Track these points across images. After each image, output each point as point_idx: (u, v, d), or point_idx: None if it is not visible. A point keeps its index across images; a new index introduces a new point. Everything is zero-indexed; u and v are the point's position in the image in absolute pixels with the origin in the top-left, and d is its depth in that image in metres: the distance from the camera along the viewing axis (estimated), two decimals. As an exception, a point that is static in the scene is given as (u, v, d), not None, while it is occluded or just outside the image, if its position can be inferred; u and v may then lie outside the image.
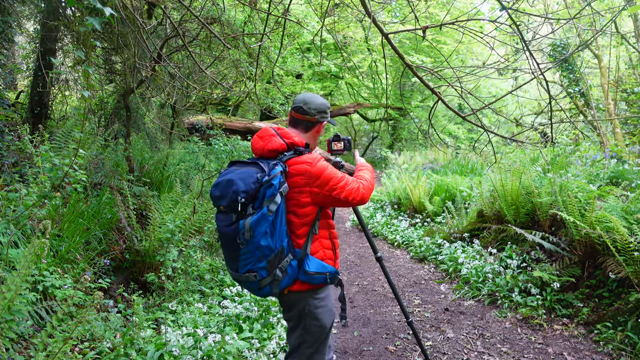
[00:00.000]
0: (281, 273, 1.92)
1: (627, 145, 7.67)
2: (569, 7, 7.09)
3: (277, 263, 1.91)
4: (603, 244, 3.63)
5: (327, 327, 2.07)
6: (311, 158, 2.02)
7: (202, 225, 4.95)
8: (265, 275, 1.91)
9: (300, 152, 2.03)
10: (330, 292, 2.15)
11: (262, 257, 1.88)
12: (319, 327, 2.05)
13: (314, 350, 2.06)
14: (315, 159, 2.03)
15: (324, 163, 2.05)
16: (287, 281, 1.96)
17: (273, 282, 1.93)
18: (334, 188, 2.01)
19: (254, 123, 12.82)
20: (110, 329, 3.09)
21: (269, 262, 1.89)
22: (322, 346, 2.09)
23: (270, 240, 1.87)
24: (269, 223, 1.85)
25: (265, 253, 1.87)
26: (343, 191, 2.02)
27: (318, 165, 2.00)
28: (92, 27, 2.11)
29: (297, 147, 2.04)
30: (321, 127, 2.20)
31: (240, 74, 6.84)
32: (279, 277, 1.92)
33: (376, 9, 6.73)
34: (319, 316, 2.04)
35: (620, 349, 3.12)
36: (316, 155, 2.07)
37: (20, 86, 9.18)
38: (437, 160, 12.05)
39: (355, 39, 12.21)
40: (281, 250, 1.92)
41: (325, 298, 2.08)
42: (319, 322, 2.05)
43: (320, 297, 2.06)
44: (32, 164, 4.36)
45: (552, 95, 3.41)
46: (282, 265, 1.93)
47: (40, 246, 2.26)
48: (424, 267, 5.71)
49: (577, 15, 3.30)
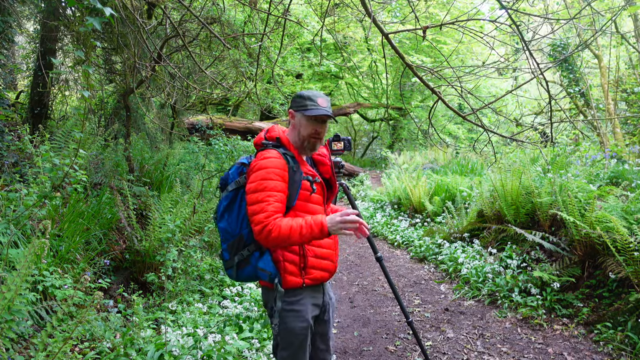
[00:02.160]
0: (239, 261, 1.97)
1: (627, 145, 7.67)
2: (569, 7, 7.08)
3: (237, 249, 1.97)
4: (603, 244, 3.63)
5: (296, 332, 1.94)
6: (263, 154, 1.93)
7: (202, 225, 4.95)
8: (227, 258, 2.00)
9: (264, 146, 2.00)
10: (306, 298, 1.98)
11: (223, 239, 2.01)
12: (286, 332, 1.94)
13: (288, 354, 1.97)
14: (263, 155, 1.92)
15: (267, 163, 1.88)
16: (249, 271, 1.97)
17: (234, 267, 1.99)
18: (250, 200, 1.86)
19: (254, 123, 12.82)
20: (110, 329, 3.09)
21: (229, 245, 1.99)
22: (299, 352, 1.97)
23: (227, 224, 1.97)
24: (223, 206, 1.99)
25: (224, 236, 2.00)
26: (248, 210, 1.86)
27: (259, 162, 1.90)
28: (92, 27, 2.11)
29: (265, 142, 2.01)
30: (298, 120, 2.00)
31: (240, 74, 6.84)
32: (236, 263, 1.97)
33: (376, 9, 6.72)
34: (285, 319, 1.94)
35: (620, 349, 3.12)
36: (272, 152, 1.93)
37: (20, 86, 9.18)
38: (437, 160, 12.05)
39: (355, 39, 12.21)
40: (240, 237, 1.96)
41: (295, 303, 1.95)
42: (286, 325, 1.94)
43: (289, 301, 1.94)
44: (32, 164, 4.36)
45: (552, 95, 3.40)
46: (242, 253, 1.96)
47: (40, 246, 2.26)
48: (424, 267, 5.71)
49: (577, 15, 3.30)
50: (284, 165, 1.91)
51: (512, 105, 11.31)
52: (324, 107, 1.97)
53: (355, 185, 12.09)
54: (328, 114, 1.96)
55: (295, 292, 1.96)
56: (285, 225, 1.81)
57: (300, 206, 1.96)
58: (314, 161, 2.16)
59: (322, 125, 2.00)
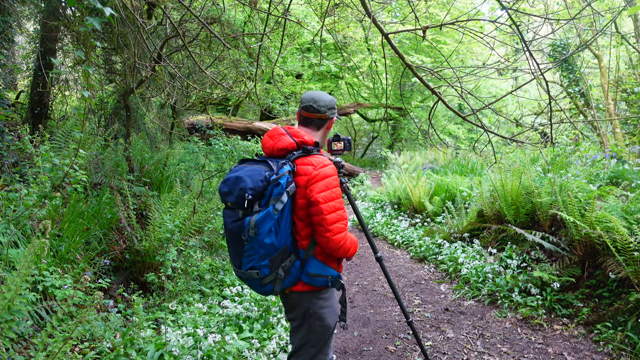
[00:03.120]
0: (284, 272, 1.93)
1: (627, 145, 7.67)
2: (569, 7, 7.08)
3: (280, 262, 1.92)
4: (603, 244, 3.63)
5: (331, 327, 2.07)
6: (318, 161, 1.97)
7: (202, 225, 4.95)
8: (267, 274, 1.91)
9: (309, 151, 2.01)
10: (334, 292, 2.16)
11: (265, 255, 1.87)
12: (323, 327, 2.05)
13: (317, 350, 2.06)
14: (322, 163, 1.97)
15: (330, 170, 1.97)
16: (289, 281, 1.97)
17: (275, 280, 1.93)
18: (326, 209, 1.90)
19: (254, 123, 12.82)
20: (110, 329, 3.09)
21: (272, 260, 1.89)
22: (325, 346, 2.09)
23: (275, 238, 1.86)
24: (274, 221, 1.85)
25: (268, 251, 1.87)
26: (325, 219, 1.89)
27: (322, 170, 1.95)
28: (92, 27, 2.11)
29: (306, 146, 2.01)
30: (331, 124, 2.18)
31: (240, 74, 6.84)
32: (281, 276, 1.93)
33: (376, 9, 6.72)
34: (323, 316, 2.04)
35: (620, 349, 3.12)
36: (326, 158, 2.02)
37: (20, 86, 9.18)
38: (437, 160, 12.05)
39: (355, 39, 12.22)
40: (285, 250, 1.91)
41: (329, 298, 2.08)
42: (323, 322, 2.04)
43: (324, 297, 2.05)
44: (32, 164, 4.36)
45: (552, 95, 3.41)
46: (285, 265, 1.93)
47: (40, 246, 2.26)
48: (424, 267, 5.71)
49: (577, 15, 3.30)
50: (337, 172, 2.06)
51: (512, 105, 11.32)
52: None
53: (355, 185, 12.09)
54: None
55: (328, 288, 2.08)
56: (351, 238, 2.04)
57: None
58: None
59: None
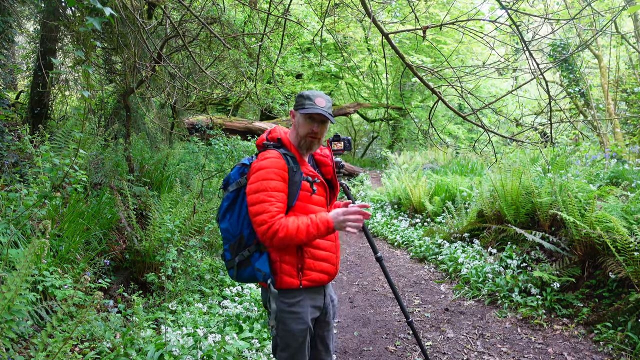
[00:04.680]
0: (239, 261, 1.97)
1: (627, 145, 7.66)
2: (569, 7, 7.08)
3: (238, 250, 1.97)
4: (603, 244, 3.63)
5: (295, 334, 1.93)
6: (263, 155, 1.95)
7: (202, 225, 4.95)
8: (228, 258, 2.01)
9: (264, 147, 2.02)
10: (305, 300, 1.96)
11: (224, 239, 2.02)
12: (285, 333, 1.94)
13: (287, 355, 1.97)
14: (263, 156, 1.93)
15: (266, 163, 1.89)
16: (249, 272, 1.97)
17: (235, 267, 1.99)
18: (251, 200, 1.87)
19: (254, 123, 12.82)
20: (110, 329, 3.09)
21: (230, 246, 1.99)
22: (298, 353, 1.96)
23: (228, 224, 1.98)
24: (224, 207, 1.99)
25: (225, 236, 2.00)
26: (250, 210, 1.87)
27: (259, 162, 1.91)
28: (92, 27, 2.11)
29: (264, 142, 2.03)
30: (298, 119, 1.99)
31: (240, 74, 6.84)
32: (237, 264, 1.98)
33: (376, 9, 6.72)
34: (285, 321, 1.93)
35: (620, 349, 3.12)
36: (272, 152, 1.93)
37: (20, 86, 9.18)
38: (437, 160, 12.05)
39: (355, 39, 12.22)
40: (241, 238, 1.96)
41: (295, 304, 1.94)
42: (285, 327, 1.93)
43: (288, 302, 1.93)
44: (32, 164, 4.36)
45: (552, 95, 3.41)
46: (243, 253, 1.96)
47: (40, 246, 2.26)
48: (424, 267, 5.71)
49: (577, 15, 3.30)
50: (283, 165, 1.90)
51: (512, 105, 11.31)
52: (322, 107, 1.94)
53: (355, 185, 12.09)
54: (323, 112, 1.92)
55: (294, 293, 1.94)
56: (292, 224, 1.82)
57: (300, 207, 1.95)
58: (316, 161, 2.15)
59: (319, 125, 1.97)
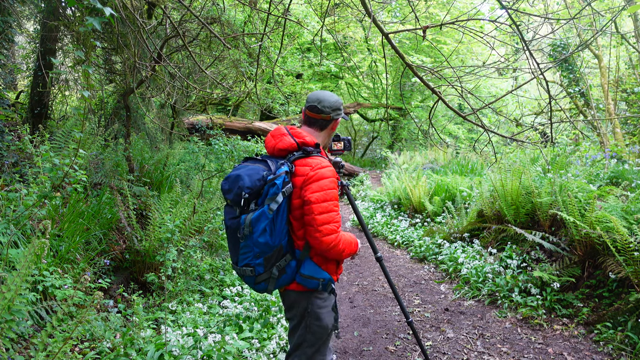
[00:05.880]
0: (278, 272, 1.95)
1: (627, 145, 7.67)
2: (569, 7, 7.08)
3: (275, 261, 1.93)
4: (603, 244, 3.63)
5: (328, 327, 2.06)
6: (316, 162, 1.96)
7: (202, 225, 4.95)
8: (261, 272, 1.94)
9: (308, 153, 2.00)
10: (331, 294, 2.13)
11: (259, 253, 1.90)
12: (320, 327, 2.04)
13: (314, 350, 2.06)
14: (320, 164, 1.96)
15: (327, 172, 1.94)
16: (284, 280, 1.98)
17: (269, 279, 1.96)
18: (318, 209, 1.89)
19: (254, 123, 12.83)
20: (110, 329, 3.09)
21: (266, 259, 1.91)
22: (323, 346, 2.08)
23: (269, 238, 1.88)
24: (268, 221, 1.87)
25: (262, 250, 1.89)
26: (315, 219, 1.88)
27: (319, 171, 1.93)
28: (92, 27, 2.11)
29: (306, 147, 2.01)
30: (336, 125, 2.16)
31: (240, 74, 6.84)
32: (275, 275, 1.95)
33: (376, 8, 6.72)
34: (321, 316, 2.03)
35: (620, 349, 3.12)
36: (324, 160, 2.00)
37: (20, 86, 9.19)
38: (437, 160, 12.05)
39: (355, 39, 12.22)
40: (279, 249, 1.92)
41: (328, 298, 2.07)
42: (321, 322, 2.03)
43: (323, 297, 2.05)
44: (32, 164, 4.36)
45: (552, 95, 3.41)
46: (279, 264, 1.94)
47: (40, 246, 2.26)
48: (424, 267, 5.71)
49: (577, 15, 3.30)
50: (336, 174, 2.04)
51: (512, 105, 11.32)
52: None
53: (355, 185, 12.09)
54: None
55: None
56: (346, 239, 2.00)
57: None
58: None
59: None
